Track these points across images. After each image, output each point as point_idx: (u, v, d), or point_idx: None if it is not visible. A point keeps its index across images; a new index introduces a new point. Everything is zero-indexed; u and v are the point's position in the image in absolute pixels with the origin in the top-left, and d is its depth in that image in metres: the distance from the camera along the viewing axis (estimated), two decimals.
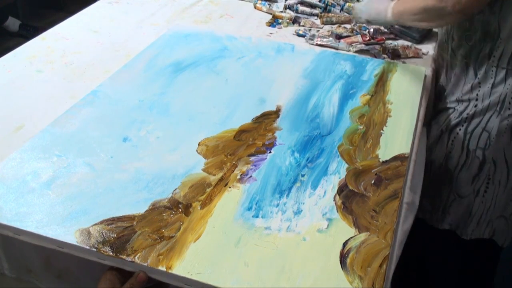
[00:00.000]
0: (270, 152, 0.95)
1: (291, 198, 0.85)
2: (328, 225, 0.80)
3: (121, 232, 0.76)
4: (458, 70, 1.24)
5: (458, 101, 1.24)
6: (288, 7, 1.62)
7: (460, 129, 1.24)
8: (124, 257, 0.73)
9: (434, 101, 1.34)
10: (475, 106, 1.20)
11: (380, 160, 0.94)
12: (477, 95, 1.19)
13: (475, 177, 1.26)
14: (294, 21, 1.53)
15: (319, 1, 1.61)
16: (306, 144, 0.98)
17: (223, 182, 0.87)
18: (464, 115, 1.22)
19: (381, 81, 1.20)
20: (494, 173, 1.24)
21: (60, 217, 0.79)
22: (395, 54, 1.35)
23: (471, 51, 1.18)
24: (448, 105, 1.27)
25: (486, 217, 1.30)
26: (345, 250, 0.75)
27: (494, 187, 1.26)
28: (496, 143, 1.19)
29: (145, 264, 0.72)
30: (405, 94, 1.15)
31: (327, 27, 1.51)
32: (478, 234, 1.32)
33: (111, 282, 0.72)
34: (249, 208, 0.82)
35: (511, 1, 1.07)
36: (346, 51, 1.36)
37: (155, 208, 0.81)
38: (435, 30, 1.48)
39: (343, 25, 1.51)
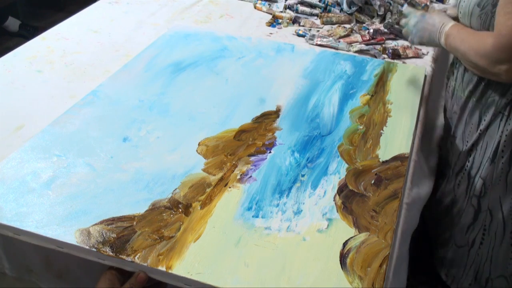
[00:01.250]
0: (270, 152, 0.95)
1: (291, 198, 0.85)
2: (328, 225, 0.80)
3: (121, 232, 0.76)
4: (465, 106, 1.18)
5: (464, 139, 1.20)
6: (288, 7, 1.62)
7: (464, 173, 1.21)
8: (124, 257, 0.73)
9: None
10: (471, 150, 1.17)
11: (380, 160, 0.94)
12: (478, 138, 1.15)
13: (469, 227, 1.23)
14: (294, 21, 1.53)
15: (319, 1, 1.61)
16: (306, 144, 0.98)
17: (223, 182, 0.87)
18: (467, 157, 1.18)
19: (381, 81, 1.20)
20: (490, 224, 1.19)
21: (60, 217, 0.79)
22: (395, 54, 1.35)
23: (479, 90, 1.12)
24: (458, 142, 1.23)
25: (484, 273, 1.26)
26: (345, 250, 0.75)
27: (490, 239, 1.21)
28: (491, 193, 1.16)
29: (145, 264, 0.72)
30: (405, 94, 1.15)
31: (327, 27, 1.52)
32: None
33: (110, 282, 0.72)
34: (249, 208, 0.82)
35: None
36: (346, 51, 1.36)
37: (155, 208, 0.81)
38: None
39: (343, 25, 1.51)
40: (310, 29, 1.49)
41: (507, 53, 0.95)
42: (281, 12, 1.58)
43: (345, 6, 1.56)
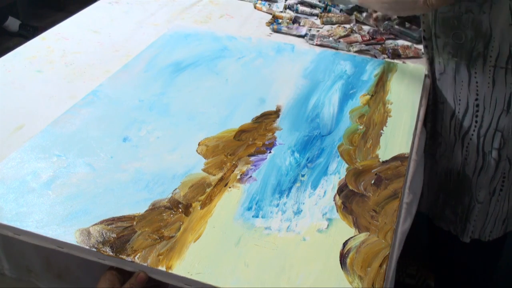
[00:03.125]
0: (270, 152, 0.95)
1: (291, 198, 0.85)
2: (328, 225, 0.80)
3: (121, 232, 0.76)
4: (447, 68, 1.20)
5: (456, 100, 1.22)
6: (288, 7, 1.61)
7: (472, 134, 1.21)
8: (124, 257, 0.73)
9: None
10: (477, 106, 1.18)
11: (380, 160, 0.94)
12: (477, 95, 1.17)
13: (492, 179, 1.24)
14: (294, 21, 1.53)
15: (319, 1, 1.61)
16: (306, 144, 0.98)
17: (223, 182, 0.87)
18: (471, 117, 1.19)
19: (381, 81, 1.20)
20: (509, 170, 1.22)
21: (60, 217, 0.79)
22: (395, 54, 1.35)
23: (461, 49, 1.15)
24: (446, 105, 1.25)
25: (502, 215, 1.29)
26: (345, 250, 0.75)
27: (509, 184, 1.24)
28: (510, 142, 1.17)
29: (145, 264, 0.72)
30: (405, 94, 1.15)
31: (327, 27, 1.52)
32: (496, 234, 1.31)
33: (110, 282, 0.72)
34: (249, 208, 0.82)
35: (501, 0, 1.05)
36: (346, 51, 1.36)
37: (155, 208, 0.81)
38: None
39: (342, 25, 1.51)
40: (310, 29, 1.49)
41: None
42: (281, 12, 1.58)
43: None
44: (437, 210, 1.42)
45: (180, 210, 0.81)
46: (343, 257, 0.74)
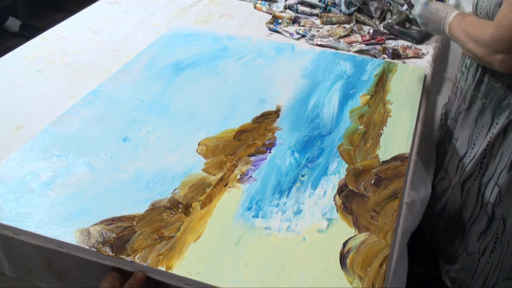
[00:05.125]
0: (270, 152, 0.95)
1: (291, 198, 0.85)
2: (328, 225, 0.80)
3: (121, 232, 0.76)
4: (472, 107, 1.15)
5: (470, 143, 1.17)
6: (288, 7, 1.62)
7: (474, 181, 1.18)
8: (124, 257, 0.73)
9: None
10: (485, 155, 1.13)
11: (380, 160, 0.94)
12: (488, 143, 1.12)
13: (483, 234, 1.20)
14: (294, 21, 1.53)
15: (319, 1, 1.61)
16: (306, 144, 0.98)
17: (223, 182, 0.87)
18: (477, 164, 1.16)
19: (381, 81, 1.20)
20: (502, 233, 1.16)
21: (60, 217, 0.79)
22: (395, 54, 1.35)
23: (493, 93, 1.09)
24: (459, 143, 1.20)
25: (492, 279, 1.23)
26: (345, 250, 0.75)
27: (502, 247, 1.18)
28: (506, 200, 1.13)
29: (145, 264, 0.72)
30: (405, 94, 1.15)
31: (327, 27, 1.52)
32: None
33: (111, 283, 0.72)
34: (249, 208, 0.82)
35: None
36: (346, 51, 1.36)
37: (155, 208, 0.81)
38: None
39: (343, 25, 1.51)
40: (310, 29, 1.49)
41: (503, 44, 0.95)
42: (281, 12, 1.58)
43: (343, 7, 1.56)
44: (438, 239, 1.39)
45: (180, 210, 0.81)
46: (343, 257, 0.74)
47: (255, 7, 1.63)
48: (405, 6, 1.54)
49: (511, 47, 0.94)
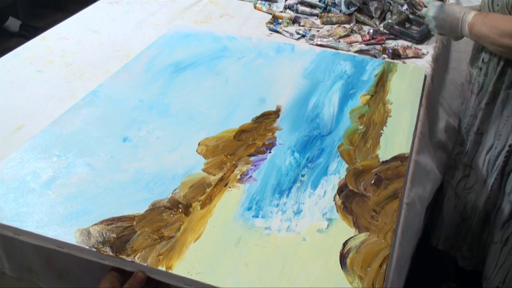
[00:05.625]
0: (270, 152, 0.95)
1: (291, 198, 0.85)
2: (328, 225, 0.80)
3: (121, 232, 0.76)
4: (496, 99, 1.15)
5: (496, 135, 1.16)
6: (288, 7, 1.62)
7: (499, 172, 1.18)
8: (124, 257, 0.73)
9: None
10: (510, 146, 1.13)
11: (380, 160, 0.94)
12: None
13: (505, 223, 1.20)
14: (294, 21, 1.53)
15: (319, 1, 1.61)
16: (306, 144, 0.98)
17: (223, 182, 0.87)
18: (504, 155, 1.16)
19: (381, 81, 1.20)
20: None
21: (60, 217, 0.79)
22: (395, 54, 1.35)
23: None
24: (485, 137, 1.19)
25: None
26: (345, 250, 0.75)
27: None
28: None
29: (145, 264, 0.72)
30: (405, 94, 1.15)
31: (327, 27, 1.52)
32: None
33: (111, 283, 0.72)
34: (249, 208, 0.82)
35: None
36: (346, 51, 1.36)
37: (155, 208, 0.81)
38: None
39: (343, 25, 1.51)
40: (310, 29, 1.49)
41: None
42: (281, 12, 1.58)
43: (343, 7, 1.56)
44: (458, 243, 1.37)
45: (180, 210, 0.81)
46: (343, 257, 0.74)
47: (255, 7, 1.63)
48: (405, 6, 1.54)
49: None
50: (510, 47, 1.02)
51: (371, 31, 1.45)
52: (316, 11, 1.59)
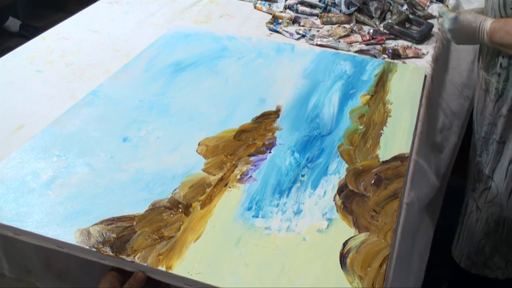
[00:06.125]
0: (270, 152, 0.95)
1: (291, 198, 0.85)
2: (328, 225, 0.80)
3: (121, 232, 0.76)
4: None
5: None
6: (288, 7, 1.62)
7: None
8: (124, 257, 0.73)
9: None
10: None
11: (380, 160, 0.94)
12: None
13: None
14: (294, 21, 1.53)
15: (319, 1, 1.61)
16: (306, 144, 0.98)
17: (223, 182, 0.87)
18: None
19: (381, 81, 1.20)
20: None
21: (60, 217, 0.79)
22: (395, 54, 1.35)
23: None
24: (507, 146, 1.15)
25: None
26: (345, 250, 0.75)
27: None
28: None
29: (145, 264, 0.72)
30: (405, 94, 1.15)
31: (327, 27, 1.52)
32: None
33: (111, 283, 0.72)
34: (249, 208, 0.82)
35: None
36: (346, 51, 1.36)
37: (155, 208, 0.81)
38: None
39: (343, 25, 1.51)
40: (310, 29, 1.49)
41: None
42: (281, 12, 1.58)
43: (343, 7, 1.56)
44: (481, 259, 1.34)
45: (180, 210, 0.81)
46: (343, 257, 0.74)
47: (255, 7, 1.63)
48: (405, 6, 1.54)
49: None
50: None
51: (371, 31, 1.45)
52: (316, 11, 1.59)
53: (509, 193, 1.20)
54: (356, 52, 1.36)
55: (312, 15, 1.58)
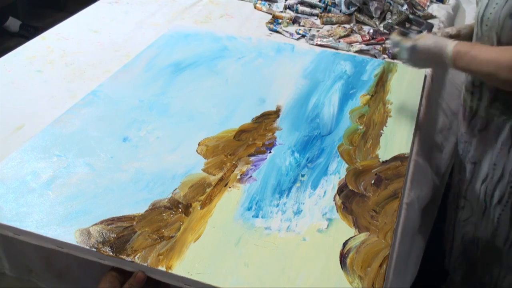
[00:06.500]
0: (270, 152, 0.95)
1: (291, 198, 0.85)
2: (328, 225, 0.80)
3: (121, 232, 0.76)
4: (490, 126, 1.07)
5: (491, 164, 1.08)
6: (288, 7, 1.62)
7: (506, 204, 1.10)
8: (124, 257, 0.73)
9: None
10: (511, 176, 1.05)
11: (380, 160, 0.94)
12: None
13: None
14: (294, 21, 1.53)
15: (319, 1, 1.61)
16: (306, 144, 0.98)
17: (223, 182, 0.87)
18: (505, 186, 1.08)
19: (381, 81, 1.20)
20: None
21: (60, 217, 0.79)
22: (395, 54, 1.35)
23: None
24: (477, 166, 1.12)
25: None
26: (345, 250, 0.75)
27: None
28: None
29: (145, 264, 0.72)
30: (405, 94, 1.15)
31: (327, 27, 1.52)
32: None
33: (111, 283, 0.72)
34: (249, 208, 0.82)
35: None
36: (346, 51, 1.36)
37: (155, 208, 0.81)
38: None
39: (343, 25, 1.51)
40: (310, 29, 1.49)
41: None
42: (281, 12, 1.58)
43: (343, 7, 1.56)
44: (457, 277, 1.31)
45: (180, 210, 0.81)
46: (343, 257, 0.74)
47: (255, 7, 1.63)
48: (405, 6, 1.54)
49: None
50: (506, 79, 0.91)
51: (371, 31, 1.45)
52: (316, 11, 1.59)
53: (482, 213, 1.16)
54: (356, 52, 1.36)
55: (312, 15, 1.58)
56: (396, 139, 1.00)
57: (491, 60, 0.93)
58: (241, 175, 0.89)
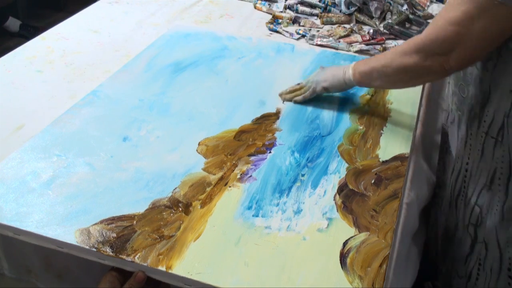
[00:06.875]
0: (270, 152, 0.95)
1: (291, 197, 0.85)
2: (328, 224, 0.80)
3: (121, 231, 0.76)
4: (454, 120, 1.08)
5: (457, 156, 1.07)
6: (288, 7, 1.62)
7: (462, 198, 1.07)
8: (124, 257, 0.73)
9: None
10: (466, 171, 1.03)
11: (380, 160, 0.94)
12: (468, 159, 1.02)
13: (467, 258, 1.09)
14: (294, 21, 1.53)
15: (319, 1, 1.61)
16: (306, 144, 0.98)
17: (223, 181, 0.87)
18: (462, 180, 1.05)
19: None
20: (485, 258, 1.04)
21: (60, 217, 0.79)
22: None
23: (464, 104, 1.01)
24: (450, 156, 1.12)
25: None
26: (345, 250, 0.75)
27: (486, 274, 1.05)
28: (487, 221, 1.01)
29: (145, 264, 0.72)
30: (405, 94, 1.15)
31: (327, 27, 1.52)
32: None
33: (111, 283, 0.72)
34: (249, 208, 0.82)
35: (507, 61, 0.87)
36: (346, 51, 1.36)
37: (155, 207, 0.81)
38: None
39: (342, 25, 1.51)
40: (310, 29, 1.49)
41: (442, 44, 0.86)
42: (281, 12, 1.58)
43: (343, 7, 1.56)
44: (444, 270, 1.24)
45: (180, 209, 0.81)
46: (343, 257, 0.74)
47: (255, 7, 1.63)
48: (405, 6, 1.54)
49: (446, 47, 0.86)
50: (404, 66, 0.92)
51: (371, 31, 1.45)
52: (316, 11, 1.59)
53: (449, 204, 1.13)
54: (356, 52, 1.36)
55: (312, 15, 1.58)
56: (396, 139, 1.00)
57: (383, 58, 0.97)
58: (241, 174, 0.89)
